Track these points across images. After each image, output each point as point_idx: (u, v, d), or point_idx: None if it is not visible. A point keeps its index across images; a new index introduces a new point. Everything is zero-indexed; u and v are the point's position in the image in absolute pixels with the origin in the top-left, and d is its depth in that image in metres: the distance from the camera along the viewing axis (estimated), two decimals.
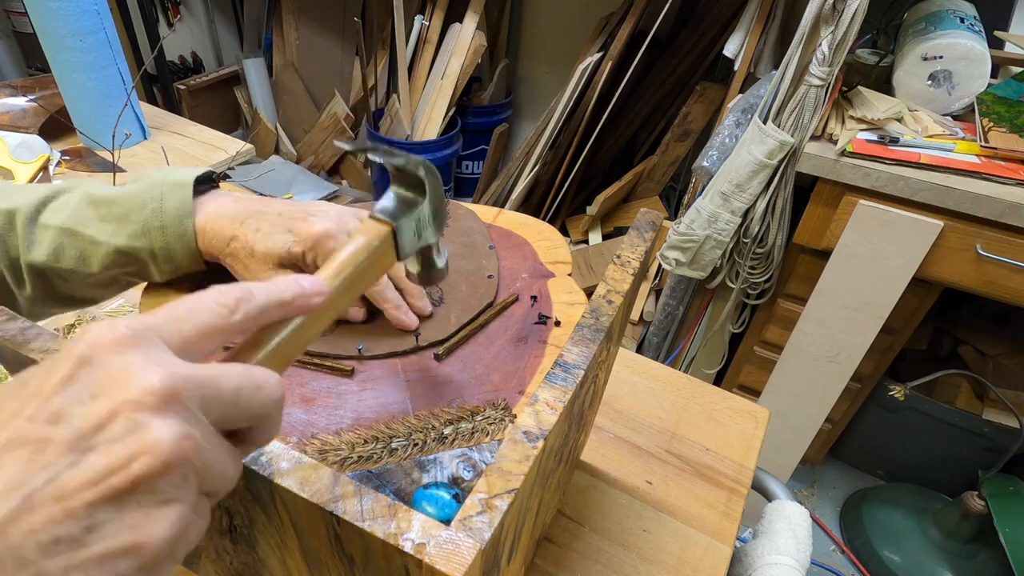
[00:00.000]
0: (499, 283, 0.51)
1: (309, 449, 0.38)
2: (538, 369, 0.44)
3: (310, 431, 0.39)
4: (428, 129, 2.25)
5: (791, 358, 1.40)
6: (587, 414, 0.50)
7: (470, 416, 0.40)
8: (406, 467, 0.37)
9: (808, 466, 1.77)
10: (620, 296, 0.38)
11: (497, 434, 0.39)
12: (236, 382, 0.23)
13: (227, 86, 2.78)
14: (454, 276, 0.51)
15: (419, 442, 0.38)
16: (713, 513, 0.66)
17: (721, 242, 1.33)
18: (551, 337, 0.47)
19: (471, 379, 0.43)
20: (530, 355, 0.45)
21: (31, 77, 1.35)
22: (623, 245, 0.43)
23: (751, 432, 0.76)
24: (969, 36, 1.18)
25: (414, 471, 0.37)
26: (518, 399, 0.42)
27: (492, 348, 0.46)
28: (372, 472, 0.37)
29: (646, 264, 0.43)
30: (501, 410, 0.41)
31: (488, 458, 0.38)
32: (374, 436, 0.39)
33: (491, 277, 0.52)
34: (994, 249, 1.10)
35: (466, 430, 0.39)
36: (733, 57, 1.64)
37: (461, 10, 2.19)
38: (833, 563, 1.56)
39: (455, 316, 0.47)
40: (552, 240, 0.57)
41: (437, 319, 0.47)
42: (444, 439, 0.39)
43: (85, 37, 1.07)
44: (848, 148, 1.15)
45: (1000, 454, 1.47)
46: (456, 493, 0.35)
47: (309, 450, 0.37)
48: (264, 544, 0.34)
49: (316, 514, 0.27)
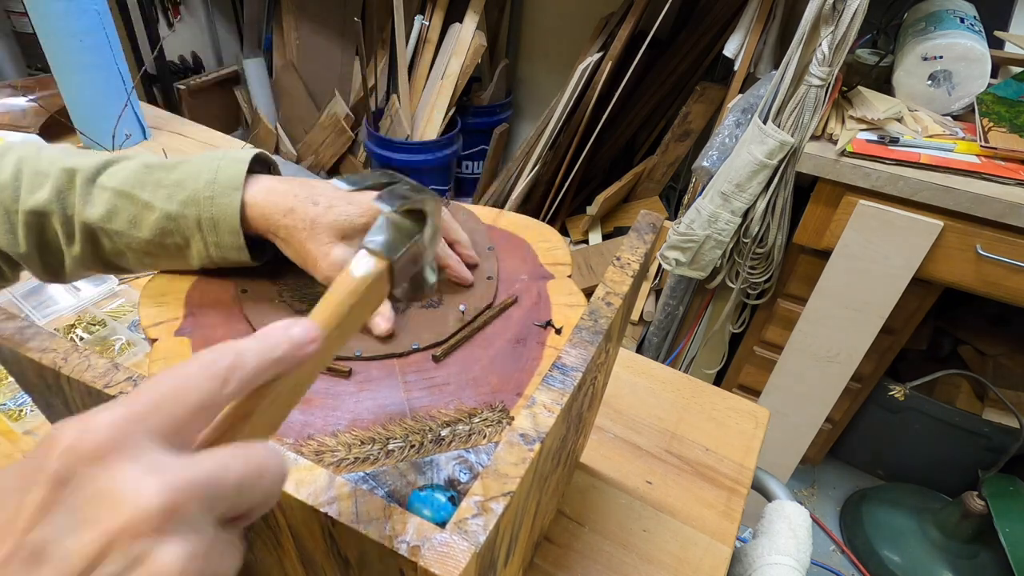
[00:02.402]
0: (498, 284, 0.51)
1: (305, 450, 0.38)
2: (536, 371, 0.44)
3: (306, 432, 0.39)
4: (428, 129, 2.25)
5: (791, 358, 1.40)
6: (586, 416, 0.50)
7: (467, 418, 0.40)
8: (402, 469, 0.37)
9: (808, 466, 1.77)
10: (619, 298, 0.38)
11: (494, 436, 0.39)
12: (238, 475, 0.20)
13: (227, 86, 2.79)
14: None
15: (416, 444, 0.38)
16: (713, 513, 0.66)
17: (721, 242, 1.33)
18: (550, 339, 0.47)
19: (469, 380, 0.43)
20: (529, 357, 0.45)
21: (31, 77, 1.35)
22: (623, 247, 0.43)
23: (751, 432, 0.76)
24: (969, 36, 1.18)
25: (410, 473, 0.37)
26: (516, 401, 0.42)
27: (490, 350, 0.46)
28: (368, 474, 0.37)
29: (646, 266, 0.43)
30: (498, 412, 0.41)
31: (485, 460, 0.38)
32: (371, 438, 0.39)
33: (490, 279, 0.52)
34: (994, 249, 1.10)
35: (463, 432, 0.39)
36: (733, 57, 1.64)
37: (461, 10, 2.19)
38: (833, 563, 1.55)
39: (453, 317, 0.47)
40: (552, 241, 0.57)
41: (435, 320, 0.47)
42: (441, 441, 0.39)
43: (85, 37, 1.07)
44: (848, 148, 1.15)
45: (1000, 454, 1.47)
46: (452, 495, 0.35)
47: (305, 451, 0.37)
48: (260, 545, 0.34)
49: (311, 516, 0.27)
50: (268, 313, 0.47)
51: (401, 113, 2.22)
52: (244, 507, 0.21)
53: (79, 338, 0.83)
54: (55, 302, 0.88)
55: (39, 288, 0.90)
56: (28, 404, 0.74)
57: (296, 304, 0.48)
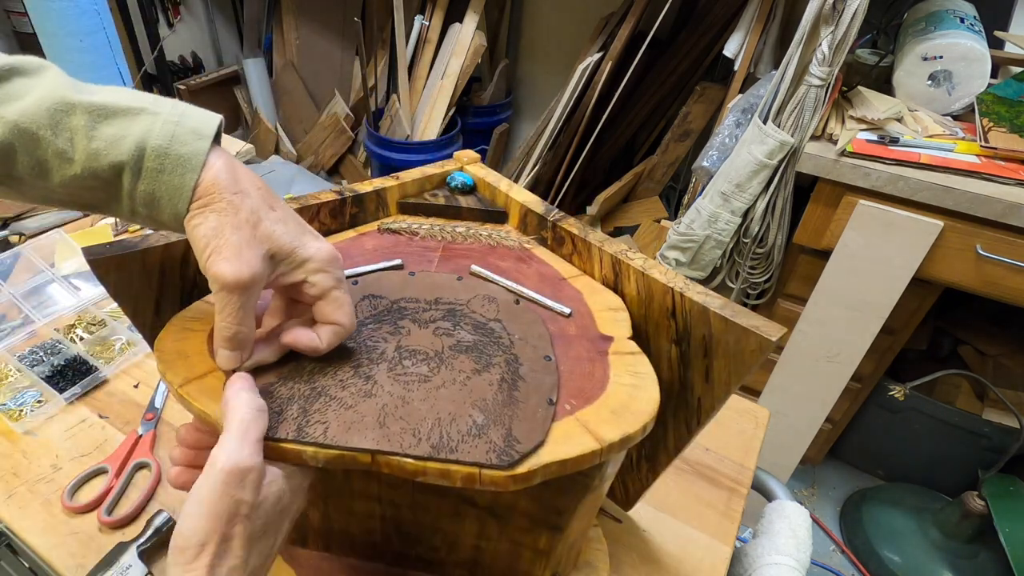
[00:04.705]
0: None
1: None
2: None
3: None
4: (428, 129, 2.25)
5: (791, 358, 1.40)
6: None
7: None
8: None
9: (808, 466, 1.77)
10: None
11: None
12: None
13: (227, 86, 2.78)
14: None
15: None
16: (713, 513, 0.66)
17: (721, 242, 1.33)
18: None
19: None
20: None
21: None
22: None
23: (751, 432, 0.76)
24: (969, 36, 1.18)
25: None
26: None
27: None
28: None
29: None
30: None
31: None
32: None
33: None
34: (994, 249, 1.10)
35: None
36: (733, 57, 1.64)
37: (461, 10, 2.19)
38: (833, 563, 1.55)
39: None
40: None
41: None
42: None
43: (85, 37, 1.07)
44: (848, 148, 1.15)
45: (1000, 454, 1.47)
46: None
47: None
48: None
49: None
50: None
51: (401, 113, 2.22)
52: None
53: (79, 338, 0.83)
54: (55, 302, 0.88)
55: (40, 288, 0.90)
56: (28, 404, 0.74)
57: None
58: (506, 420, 0.37)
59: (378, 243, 0.54)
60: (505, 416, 0.37)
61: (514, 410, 0.38)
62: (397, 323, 0.44)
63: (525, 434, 0.36)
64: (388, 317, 0.45)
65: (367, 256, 0.52)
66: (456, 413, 0.37)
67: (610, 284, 0.51)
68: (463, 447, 0.35)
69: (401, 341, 0.42)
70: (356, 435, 0.36)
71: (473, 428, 0.37)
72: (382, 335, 0.43)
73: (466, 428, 0.37)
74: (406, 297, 0.47)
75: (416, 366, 0.41)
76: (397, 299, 0.47)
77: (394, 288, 0.48)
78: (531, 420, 0.37)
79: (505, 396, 0.39)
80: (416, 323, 0.44)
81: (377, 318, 0.45)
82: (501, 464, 0.34)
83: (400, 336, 0.43)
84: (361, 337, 0.43)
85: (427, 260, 0.53)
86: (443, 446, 0.35)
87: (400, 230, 0.56)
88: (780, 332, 0.41)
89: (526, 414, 0.38)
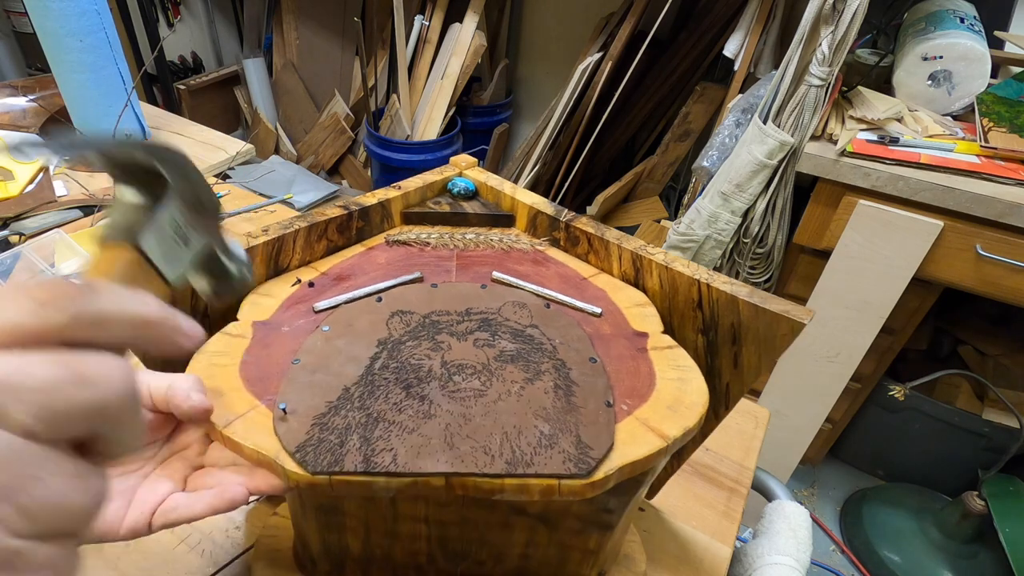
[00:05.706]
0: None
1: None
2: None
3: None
4: (428, 129, 2.25)
5: (791, 358, 1.40)
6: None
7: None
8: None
9: (808, 466, 1.77)
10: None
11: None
12: (44, 381, 0.18)
13: (227, 86, 2.78)
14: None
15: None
16: (713, 513, 0.66)
17: (721, 242, 1.33)
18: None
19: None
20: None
21: (31, 77, 1.35)
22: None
23: (751, 432, 0.76)
24: (969, 36, 1.18)
25: None
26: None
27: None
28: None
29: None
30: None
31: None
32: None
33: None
34: (994, 249, 1.10)
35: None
36: (733, 57, 1.64)
37: (461, 10, 2.19)
38: (833, 563, 1.55)
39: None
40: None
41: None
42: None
43: (85, 37, 1.07)
44: (848, 148, 1.15)
45: (1000, 454, 1.47)
46: None
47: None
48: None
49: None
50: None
51: (401, 113, 2.22)
52: (74, 421, 0.19)
53: None
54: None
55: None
56: None
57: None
58: (572, 427, 0.36)
59: (389, 256, 0.53)
60: (570, 423, 0.37)
61: (576, 416, 0.37)
62: (435, 338, 0.43)
63: (594, 440, 0.35)
64: (424, 333, 0.43)
65: (382, 270, 0.51)
66: (521, 425, 0.36)
67: (630, 280, 0.51)
68: (538, 460, 0.34)
69: (445, 356, 0.41)
70: (427, 459, 0.34)
71: (542, 439, 0.36)
72: (424, 352, 0.42)
73: (535, 440, 0.36)
74: (436, 311, 0.46)
75: (467, 381, 0.39)
76: (427, 313, 0.45)
77: (421, 302, 0.47)
78: (596, 425, 0.37)
79: (564, 403, 0.38)
80: (454, 336, 0.43)
81: (413, 334, 0.43)
82: (580, 473, 0.33)
83: (443, 351, 0.42)
84: (403, 356, 0.41)
85: (444, 270, 0.52)
86: (518, 461, 0.34)
87: (410, 241, 0.55)
88: (810, 315, 0.41)
89: (589, 419, 0.37)
